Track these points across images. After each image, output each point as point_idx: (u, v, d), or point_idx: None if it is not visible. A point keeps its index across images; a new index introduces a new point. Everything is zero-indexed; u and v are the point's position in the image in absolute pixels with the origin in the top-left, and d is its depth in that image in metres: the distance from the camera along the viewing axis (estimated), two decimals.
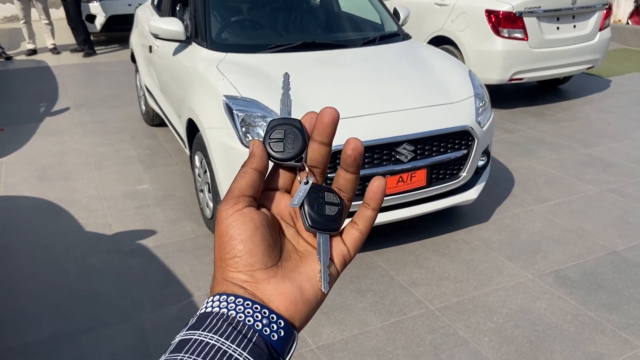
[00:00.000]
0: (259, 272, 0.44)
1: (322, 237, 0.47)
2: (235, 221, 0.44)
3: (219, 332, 0.40)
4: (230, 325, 0.41)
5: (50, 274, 2.90)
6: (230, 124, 2.79)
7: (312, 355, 2.34)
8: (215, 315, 0.41)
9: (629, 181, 4.02)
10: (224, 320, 0.41)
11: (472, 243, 3.20)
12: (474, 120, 3.03)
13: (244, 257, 0.44)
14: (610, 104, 5.89)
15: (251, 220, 0.44)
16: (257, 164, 0.46)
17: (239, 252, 0.44)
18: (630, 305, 2.66)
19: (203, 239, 3.24)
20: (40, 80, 6.99)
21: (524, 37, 5.33)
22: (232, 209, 0.45)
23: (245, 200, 0.45)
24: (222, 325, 0.41)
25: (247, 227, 0.44)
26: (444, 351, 2.37)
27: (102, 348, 2.38)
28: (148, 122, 5.21)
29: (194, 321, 0.42)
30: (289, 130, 0.47)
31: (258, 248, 0.44)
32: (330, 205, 0.47)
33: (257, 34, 3.77)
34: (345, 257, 0.49)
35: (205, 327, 0.41)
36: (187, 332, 0.41)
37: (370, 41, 3.69)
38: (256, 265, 0.44)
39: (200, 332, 0.40)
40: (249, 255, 0.44)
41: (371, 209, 0.49)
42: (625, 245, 3.18)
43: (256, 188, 0.46)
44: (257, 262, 0.44)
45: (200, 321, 0.41)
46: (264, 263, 0.44)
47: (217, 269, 0.45)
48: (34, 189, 3.89)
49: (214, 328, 0.40)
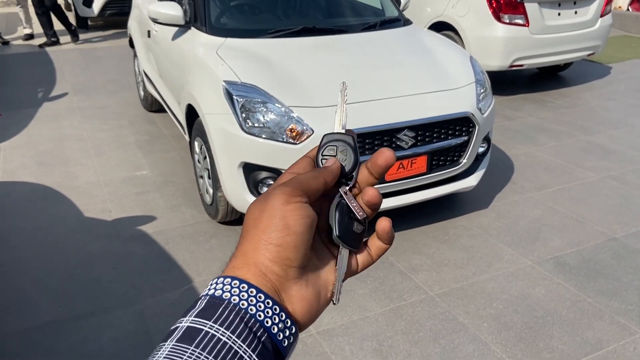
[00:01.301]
0: (292, 270, 0.43)
1: (344, 251, 0.48)
2: (295, 210, 0.43)
3: (230, 327, 0.39)
4: (243, 321, 0.39)
5: (51, 259, 2.90)
6: (230, 109, 2.77)
7: (313, 340, 2.35)
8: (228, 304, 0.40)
9: (629, 168, 4.02)
10: (236, 314, 0.40)
11: (472, 229, 3.21)
12: (475, 107, 3.01)
13: (287, 249, 0.43)
14: (610, 90, 5.87)
15: (308, 216, 0.44)
16: (330, 179, 0.47)
17: (287, 242, 0.42)
18: (629, 292, 2.67)
19: (203, 225, 3.24)
20: (37, 65, 6.94)
21: (525, 23, 5.29)
22: (296, 198, 0.44)
23: (307, 198, 0.45)
24: (234, 320, 0.39)
25: (304, 222, 0.43)
26: (443, 337, 2.38)
27: (102, 333, 2.39)
28: (147, 108, 5.19)
29: (202, 305, 0.40)
30: (341, 146, 0.48)
31: (304, 245, 0.43)
32: (358, 223, 0.48)
33: (256, 18, 3.73)
34: (352, 272, 0.50)
35: (217, 318, 0.39)
36: (196, 318, 0.39)
37: (370, 26, 3.66)
38: (294, 262, 0.43)
39: (211, 324, 0.39)
40: (294, 250, 0.43)
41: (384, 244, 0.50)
42: (624, 231, 3.19)
43: (315, 198, 0.46)
44: (297, 259, 0.43)
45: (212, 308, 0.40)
46: (301, 262, 0.44)
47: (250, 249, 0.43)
48: (32, 175, 3.88)
49: (226, 321, 0.39)
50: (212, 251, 2.98)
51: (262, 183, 2.78)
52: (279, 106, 2.72)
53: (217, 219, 3.18)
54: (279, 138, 2.68)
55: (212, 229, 3.19)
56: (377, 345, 2.33)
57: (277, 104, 2.73)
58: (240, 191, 2.82)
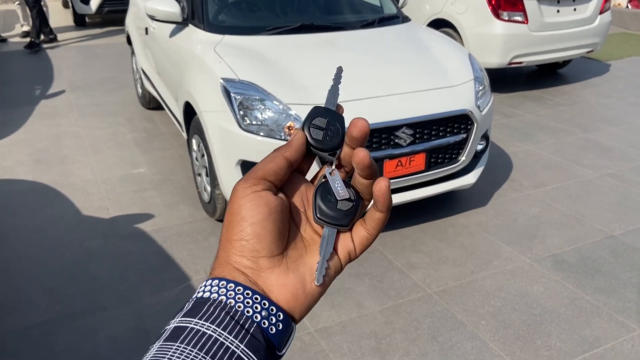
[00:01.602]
0: (263, 260, 0.43)
1: (329, 230, 0.46)
2: (250, 202, 0.42)
3: (216, 321, 0.39)
4: (228, 315, 0.39)
5: (48, 258, 2.89)
6: (227, 107, 2.76)
7: (310, 338, 2.35)
8: (213, 302, 0.40)
9: (627, 166, 4.01)
10: (222, 309, 0.39)
11: (470, 227, 3.21)
12: (474, 104, 3.01)
13: (250, 242, 0.42)
14: (609, 88, 5.87)
15: (266, 203, 0.43)
16: (290, 153, 0.45)
17: (247, 235, 0.42)
18: (626, 289, 2.67)
19: (201, 223, 3.23)
20: (35, 62, 6.92)
21: (524, 20, 5.28)
22: (250, 188, 0.43)
23: (264, 184, 0.44)
24: (219, 314, 0.39)
25: (261, 210, 0.42)
26: (441, 334, 2.38)
27: (100, 331, 2.38)
28: (145, 106, 5.17)
29: (189, 306, 0.40)
30: (331, 122, 0.46)
31: (267, 234, 0.42)
32: (345, 200, 0.46)
33: (254, 15, 3.72)
34: (350, 253, 0.47)
35: (202, 314, 0.39)
36: (182, 318, 0.39)
37: (369, 24, 3.65)
38: (262, 252, 0.42)
39: (197, 321, 0.39)
40: (257, 240, 0.42)
41: (379, 211, 0.46)
42: (622, 229, 3.19)
43: (280, 176, 0.45)
44: (264, 248, 0.42)
45: (197, 307, 0.40)
46: (270, 251, 0.43)
47: (221, 249, 0.44)
48: (30, 173, 3.87)
49: (211, 317, 0.39)
50: (210, 249, 2.97)
51: None
52: (276, 104, 2.71)
53: (215, 216, 3.17)
54: (276, 135, 2.67)
55: (210, 227, 3.19)
56: (375, 343, 2.33)
57: (275, 102, 2.72)
58: None
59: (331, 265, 0.46)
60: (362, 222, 0.48)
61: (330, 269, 0.46)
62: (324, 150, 0.46)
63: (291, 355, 2.26)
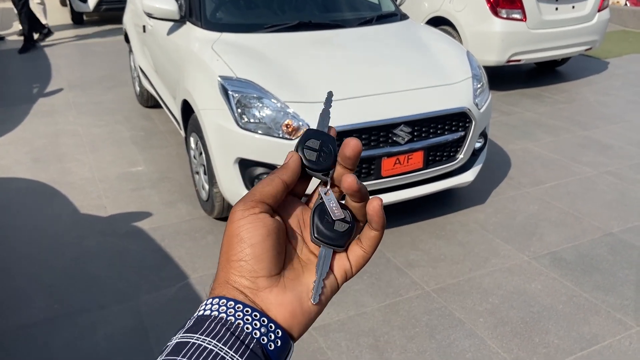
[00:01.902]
0: (261, 280, 0.44)
1: (325, 250, 0.47)
2: (249, 224, 0.44)
3: (217, 336, 0.40)
4: (229, 331, 0.40)
5: (46, 256, 2.89)
6: (225, 105, 2.76)
7: (309, 336, 2.35)
8: (214, 319, 0.41)
9: (626, 163, 4.02)
10: (222, 325, 0.41)
11: (468, 225, 3.21)
12: (472, 102, 3.00)
13: (249, 262, 0.43)
14: (608, 85, 5.87)
15: (264, 225, 0.44)
16: (287, 176, 0.47)
17: (246, 256, 0.43)
18: (624, 287, 2.68)
19: (199, 222, 3.23)
20: (32, 60, 6.91)
21: (523, 18, 5.28)
22: (249, 211, 0.44)
23: (263, 207, 0.45)
24: (220, 330, 0.40)
25: (259, 232, 0.44)
26: (439, 332, 2.38)
27: (98, 329, 2.38)
28: (142, 104, 5.17)
29: (191, 323, 0.42)
30: (324, 144, 0.48)
31: (265, 255, 0.44)
32: (342, 221, 0.48)
33: (252, 13, 3.71)
34: (347, 272, 0.49)
35: (204, 330, 0.40)
36: (184, 334, 0.41)
37: (367, 21, 3.64)
38: (260, 272, 0.44)
39: (198, 336, 0.40)
40: (255, 261, 0.43)
41: (374, 230, 0.48)
42: (620, 227, 3.19)
43: (277, 199, 0.46)
44: (262, 269, 0.44)
45: (198, 324, 0.41)
46: (268, 271, 0.44)
47: (221, 270, 0.45)
48: (27, 171, 3.86)
49: (212, 332, 0.40)
50: (208, 247, 2.97)
51: (258, 179, 2.77)
52: (274, 101, 2.71)
53: (213, 215, 3.17)
54: (274, 133, 2.67)
55: (208, 225, 3.18)
56: (373, 340, 2.33)
57: (272, 100, 2.71)
58: (236, 187, 2.81)
59: (327, 284, 0.47)
60: (357, 242, 0.49)
61: (327, 288, 0.47)
62: (318, 171, 0.48)
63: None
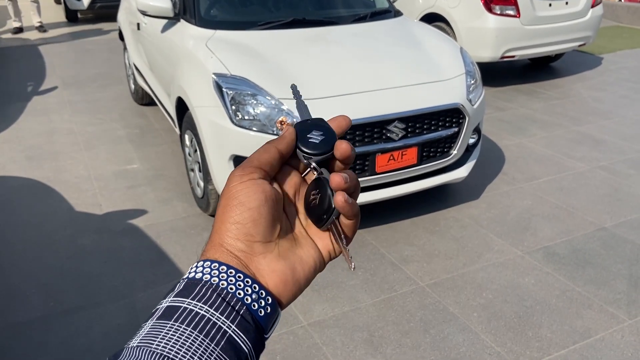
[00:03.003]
0: (257, 245, 0.44)
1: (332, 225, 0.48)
2: (247, 188, 0.44)
3: (208, 302, 0.40)
4: (220, 296, 0.41)
5: (41, 254, 2.89)
6: (220, 102, 2.76)
7: (304, 331, 2.36)
8: (204, 283, 0.41)
9: (619, 158, 4.04)
10: (213, 291, 0.41)
11: (462, 220, 3.22)
12: (465, 98, 3.02)
13: (247, 225, 0.44)
14: (601, 81, 5.90)
15: (263, 191, 0.45)
16: (282, 146, 0.48)
17: (244, 219, 0.44)
18: (617, 281, 2.70)
19: (194, 219, 3.23)
20: (27, 58, 6.88)
21: (516, 14, 5.29)
22: (248, 176, 0.45)
23: (261, 172, 0.46)
24: (211, 296, 0.40)
25: (258, 196, 0.44)
26: (433, 327, 2.40)
27: (93, 327, 2.39)
28: (137, 101, 5.16)
29: (181, 287, 0.42)
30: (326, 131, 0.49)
31: (263, 220, 0.44)
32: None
33: (246, 10, 3.71)
34: (331, 253, 0.50)
35: (194, 295, 0.40)
36: (175, 298, 0.41)
37: (361, 18, 3.65)
38: (256, 237, 0.44)
39: (189, 301, 0.40)
40: (253, 224, 0.44)
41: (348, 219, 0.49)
42: (613, 221, 3.21)
43: (274, 167, 0.47)
44: (258, 233, 0.44)
45: (189, 288, 0.41)
46: (264, 236, 0.45)
47: (214, 232, 0.45)
48: (22, 169, 3.86)
49: (203, 297, 0.40)
50: (203, 244, 2.97)
51: None
52: (269, 98, 2.71)
53: (209, 212, 3.18)
54: (269, 130, 2.67)
55: (204, 222, 3.19)
56: (368, 336, 2.35)
57: (267, 97, 2.72)
58: None
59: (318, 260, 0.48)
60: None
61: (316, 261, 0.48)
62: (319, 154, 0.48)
63: (284, 348, 2.27)
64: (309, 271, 0.47)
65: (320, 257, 0.49)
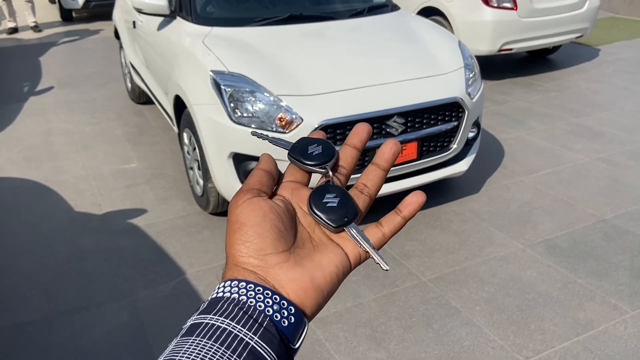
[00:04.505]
0: (270, 257, 0.45)
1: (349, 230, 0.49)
2: (244, 209, 0.46)
3: (230, 316, 0.41)
4: (242, 310, 0.41)
5: (41, 254, 2.88)
6: (218, 99, 2.75)
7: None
8: (226, 300, 0.42)
9: (618, 150, 4.04)
10: (235, 305, 0.42)
11: (463, 214, 3.22)
12: (464, 92, 3.01)
13: (254, 242, 0.45)
14: (599, 73, 5.89)
15: (260, 207, 0.46)
16: (263, 165, 0.51)
17: (250, 237, 0.45)
18: (619, 272, 2.70)
19: (194, 217, 3.22)
20: (22, 59, 6.85)
21: (513, 7, 5.28)
22: (242, 199, 0.47)
23: (253, 192, 0.48)
24: (233, 310, 0.41)
25: (257, 213, 0.46)
26: (436, 321, 2.40)
27: (95, 327, 2.38)
28: (134, 100, 5.14)
29: (204, 306, 0.43)
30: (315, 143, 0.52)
31: (268, 233, 0.45)
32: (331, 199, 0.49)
33: (243, 7, 3.69)
34: (361, 254, 0.50)
35: (217, 311, 0.41)
36: (198, 316, 0.42)
37: (358, 13, 3.63)
38: (267, 250, 0.45)
39: (211, 317, 0.41)
40: (260, 239, 0.45)
41: (402, 217, 0.51)
42: (614, 213, 3.21)
43: (264, 184, 0.49)
44: (268, 246, 0.45)
45: (211, 306, 0.42)
46: (275, 247, 0.45)
47: (228, 257, 0.46)
48: (20, 170, 3.84)
49: (225, 312, 0.41)
50: (204, 242, 2.97)
51: None
52: (267, 95, 2.70)
53: (209, 210, 3.17)
54: (268, 127, 2.66)
55: (204, 221, 3.18)
56: (371, 331, 2.34)
57: (265, 93, 2.71)
58: (231, 182, 2.80)
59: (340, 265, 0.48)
60: (378, 225, 0.51)
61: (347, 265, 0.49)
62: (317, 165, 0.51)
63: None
64: (331, 276, 0.47)
65: (344, 261, 0.48)
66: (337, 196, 0.49)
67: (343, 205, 0.49)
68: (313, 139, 0.52)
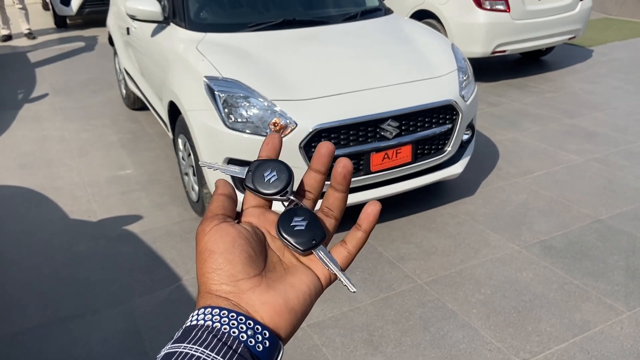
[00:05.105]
0: (242, 282, 0.45)
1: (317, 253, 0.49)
2: (212, 236, 0.46)
3: (204, 344, 0.40)
4: (215, 337, 0.41)
5: (36, 262, 2.87)
6: (212, 105, 2.75)
7: (303, 333, 2.35)
8: (200, 327, 0.42)
9: (612, 150, 4.05)
10: (209, 332, 0.41)
11: (458, 217, 3.22)
12: (458, 94, 3.02)
13: (225, 269, 0.45)
14: (592, 73, 5.92)
15: (227, 233, 0.46)
16: (220, 190, 0.51)
17: (220, 264, 0.45)
18: (614, 272, 2.71)
19: (190, 223, 3.22)
20: (16, 66, 6.84)
21: (506, 9, 5.30)
22: (208, 226, 0.47)
23: (219, 218, 0.48)
24: (207, 338, 0.41)
25: (225, 240, 0.46)
26: (433, 324, 2.40)
27: (92, 334, 2.37)
28: (129, 106, 5.14)
29: (179, 334, 0.42)
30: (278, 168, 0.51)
31: (238, 259, 0.45)
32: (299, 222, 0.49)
33: (236, 12, 3.70)
34: (331, 275, 0.50)
35: (191, 339, 0.41)
36: (172, 345, 0.41)
37: (351, 17, 3.64)
38: (239, 275, 0.45)
39: (185, 345, 0.40)
40: (230, 265, 0.45)
41: (362, 231, 0.51)
42: (609, 213, 3.22)
43: (226, 208, 0.49)
44: (239, 272, 0.45)
45: (185, 334, 0.42)
46: (246, 273, 0.45)
47: (200, 285, 0.46)
48: (15, 177, 3.83)
49: (199, 340, 0.41)
50: None
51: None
52: (261, 100, 2.70)
53: None
54: (262, 132, 2.66)
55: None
56: (368, 335, 2.34)
57: (259, 98, 2.71)
58: None
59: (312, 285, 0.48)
60: (342, 243, 0.51)
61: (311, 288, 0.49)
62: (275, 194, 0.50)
63: (284, 351, 2.26)
64: (304, 297, 0.47)
65: (315, 282, 0.49)
66: (305, 219, 0.49)
67: (311, 228, 0.49)
68: (266, 163, 0.51)
